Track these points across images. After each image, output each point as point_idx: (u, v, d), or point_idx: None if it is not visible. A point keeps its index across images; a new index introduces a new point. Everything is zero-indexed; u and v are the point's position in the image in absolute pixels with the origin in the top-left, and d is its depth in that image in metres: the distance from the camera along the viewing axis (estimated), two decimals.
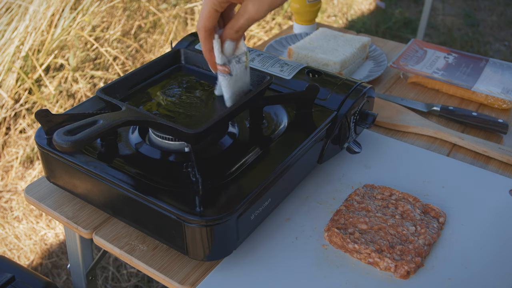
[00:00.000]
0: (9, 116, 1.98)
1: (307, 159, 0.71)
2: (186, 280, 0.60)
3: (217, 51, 0.61)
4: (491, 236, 0.67)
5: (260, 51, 0.86)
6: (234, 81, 0.65)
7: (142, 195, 0.59)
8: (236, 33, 0.60)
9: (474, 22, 3.06)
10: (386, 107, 0.93)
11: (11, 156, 1.89)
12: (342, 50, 1.02)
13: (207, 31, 0.60)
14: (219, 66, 0.63)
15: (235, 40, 0.62)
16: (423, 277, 0.61)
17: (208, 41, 0.61)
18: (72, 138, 0.53)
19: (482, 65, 1.04)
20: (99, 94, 0.66)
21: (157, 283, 1.47)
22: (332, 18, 3.12)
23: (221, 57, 0.62)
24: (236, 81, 0.65)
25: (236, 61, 0.64)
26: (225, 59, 0.63)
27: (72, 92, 2.14)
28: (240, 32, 0.60)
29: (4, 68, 2.01)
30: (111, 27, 2.43)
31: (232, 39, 0.61)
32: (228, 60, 0.63)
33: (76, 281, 0.82)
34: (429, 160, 0.80)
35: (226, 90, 0.65)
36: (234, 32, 0.60)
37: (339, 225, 0.66)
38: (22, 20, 2.13)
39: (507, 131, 0.87)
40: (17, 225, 1.64)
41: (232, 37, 0.61)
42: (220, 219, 0.56)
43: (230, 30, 0.60)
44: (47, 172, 0.71)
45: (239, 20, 0.59)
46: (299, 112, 0.74)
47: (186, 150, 0.65)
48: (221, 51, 0.62)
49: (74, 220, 0.68)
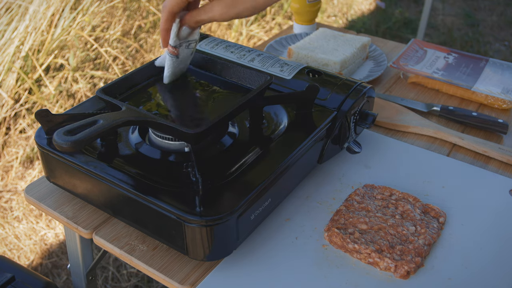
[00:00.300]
0: (9, 116, 1.98)
1: (307, 159, 0.71)
2: (186, 280, 0.60)
3: (173, 33, 0.65)
4: (491, 236, 0.67)
5: (260, 51, 0.86)
6: (178, 63, 0.70)
7: (142, 195, 0.59)
8: (195, 23, 0.64)
9: (474, 22, 3.06)
10: (386, 107, 0.93)
11: (11, 156, 1.89)
12: (342, 50, 1.02)
13: (171, 13, 0.63)
14: (170, 47, 0.67)
15: (192, 28, 0.66)
16: (423, 277, 0.61)
17: (169, 22, 0.64)
18: (72, 138, 0.53)
19: (482, 65, 1.04)
20: (99, 94, 0.66)
21: (157, 283, 1.47)
22: (332, 18, 3.12)
23: (175, 40, 0.66)
24: (179, 63, 0.70)
25: (186, 46, 0.68)
26: (178, 42, 0.67)
27: (72, 92, 2.14)
28: (199, 24, 0.64)
29: (4, 68, 2.01)
30: (111, 27, 2.43)
31: (189, 27, 0.65)
32: (180, 43, 0.67)
33: (76, 281, 0.82)
34: (429, 160, 0.80)
35: (168, 69, 0.70)
36: (194, 22, 0.64)
37: (339, 225, 0.66)
38: (22, 20, 2.13)
39: (507, 131, 0.87)
40: (17, 225, 1.64)
41: (190, 25, 0.65)
42: (220, 219, 0.56)
43: (191, 19, 0.64)
44: (47, 172, 0.71)
45: (201, 14, 0.63)
46: (299, 112, 0.74)
47: (186, 150, 0.65)
48: (177, 34, 0.65)
49: (74, 220, 0.68)
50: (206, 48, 0.87)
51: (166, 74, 0.71)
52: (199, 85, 0.74)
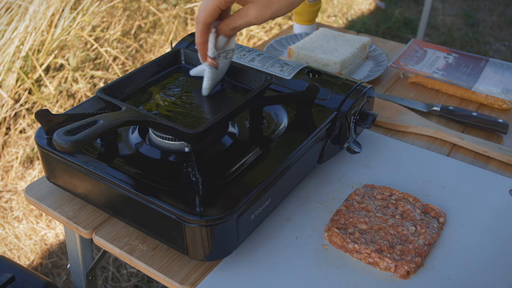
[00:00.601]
0: (9, 116, 1.98)
1: (307, 159, 0.71)
2: (186, 280, 0.60)
3: (211, 45, 0.64)
4: (491, 236, 0.67)
5: (260, 51, 0.86)
6: (216, 74, 0.69)
7: (142, 195, 0.59)
8: (231, 31, 0.63)
9: (474, 22, 3.06)
10: (386, 107, 0.93)
11: (11, 156, 1.89)
12: (342, 50, 1.02)
13: (206, 24, 0.62)
14: (209, 59, 0.66)
15: (229, 37, 0.64)
16: (423, 277, 0.61)
17: (204, 35, 0.63)
18: (72, 138, 0.53)
19: (482, 65, 1.04)
20: (99, 94, 0.66)
21: (157, 283, 1.47)
22: (332, 18, 3.12)
23: (214, 51, 0.65)
24: (218, 74, 0.69)
25: (224, 56, 0.67)
26: (216, 52, 0.65)
27: (72, 92, 2.14)
28: (235, 31, 0.63)
29: (4, 68, 2.01)
30: (111, 27, 2.43)
31: (225, 35, 0.64)
32: (218, 54, 0.66)
33: (76, 281, 0.82)
34: (429, 160, 0.80)
35: (208, 81, 0.69)
36: (229, 30, 0.63)
37: (339, 225, 0.66)
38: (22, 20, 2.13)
39: (507, 131, 0.87)
40: (17, 225, 1.64)
41: (226, 33, 0.63)
42: (220, 219, 0.56)
43: (226, 27, 0.62)
44: (47, 172, 0.71)
45: (237, 20, 0.61)
46: (299, 112, 0.74)
47: (186, 150, 0.65)
48: (215, 45, 0.64)
49: (74, 220, 0.68)
50: None
51: (206, 87, 0.69)
52: (199, 85, 0.74)
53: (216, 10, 0.61)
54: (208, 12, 0.61)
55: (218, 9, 0.61)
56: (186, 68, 0.79)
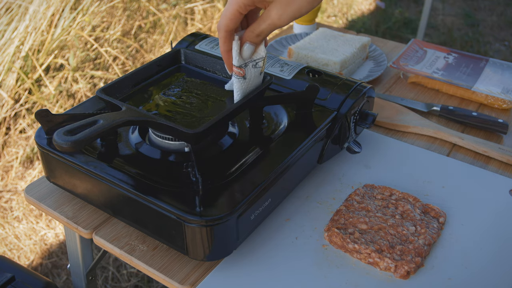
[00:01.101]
0: (9, 116, 1.98)
1: (307, 159, 0.71)
2: (186, 280, 0.60)
3: (235, 53, 0.60)
4: (491, 236, 0.67)
5: None
6: (246, 85, 0.64)
7: (142, 195, 0.59)
8: (257, 37, 0.60)
9: (474, 22, 3.06)
10: (386, 107, 0.93)
11: (11, 156, 1.89)
12: (342, 50, 1.02)
13: (227, 31, 0.59)
14: (235, 68, 0.62)
15: (255, 44, 0.61)
16: (423, 277, 0.61)
17: (228, 42, 0.60)
18: (72, 138, 0.53)
19: (482, 65, 1.04)
20: (99, 94, 0.66)
21: (157, 283, 1.47)
22: (332, 18, 3.12)
23: (238, 59, 0.61)
24: (248, 85, 0.65)
25: (253, 65, 0.63)
26: (242, 61, 0.62)
27: (72, 92, 2.14)
28: (261, 36, 0.59)
29: (4, 68, 2.01)
30: (111, 27, 2.43)
31: (252, 43, 0.60)
32: (245, 63, 0.62)
33: (76, 281, 0.82)
34: (429, 160, 0.80)
35: (238, 92, 0.65)
36: (254, 36, 0.59)
37: (339, 225, 0.66)
38: (22, 20, 2.13)
39: (507, 131, 0.87)
40: (17, 225, 1.64)
41: (252, 40, 0.60)
42: (220, 219, 0.56)
43: (250, 34, 0.59)
44: (47, 172, 0.71)
45: (260, 24, 0.58)
46: (299, 112, 0.74)
47: (186, 150, 0.65)
48: (239, 53, 0.61)
49: (74, 220, 0.68)
50: (206, 48, 0.87)
51: (236, 98, 0.65)
52: (199, 85, 0.74)
53: (237, 15, 0.57)
54: (228, 16, 0.58)
55: (238, 14, 0.57)
56: (186, 68, 0.79)
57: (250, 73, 0.64)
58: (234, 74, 0.63)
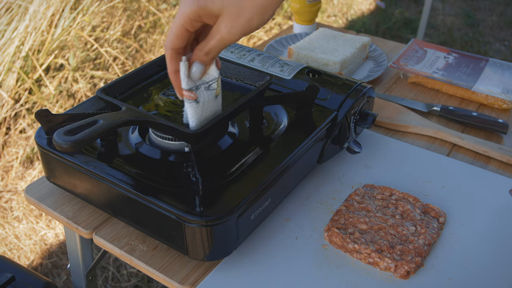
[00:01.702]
0: (9, 116, 1.98)
1: (307, 159, 0.71)
2: (186, 280, 0.60)
3: (183, 74, 0.56)
4: (491, 236, 0.67)
5: (260, 51, 0.86)
6: (201, 109, 0.59)
7: (142, 195, 0.59)
8: (206, 56, 0.55)
9: (474, 22, 3.06)
10: (386, 107, 0.93)
11: (11, 156, 1.89)
12: (342, 50, 1.02)
13: (174, 49, 0.55)
14: (185, 92, 0.57)
15: (205, 63, 0.56)
16: (423, 277, 0.61)
17: (174, 62, 0.56)
18: (72, 138, 0.53)
19: (482, 65, 1.04)
20: (99, 94, 0.66)
21: (157, 283, 1.47)
22: (332, 18, 3.12)
23: (187, 82, 0.56)
24: (204, 109, 0.59)
25: (205, 88, 0.58)
26: (192, 84, 0.57)
27: (72, 92, 2.14)
28: (211, 54, 0.55)
29: (4, 68, 2.01)
30: (111, 27, 2.43)
31: (201, 62, 0.55)
32: (196, 86, 0.57)
33: (76, 281, 0.82)
34: (429, 160, 0.80)
35: (192, 118, 0.59)
36: (203, 54, 0.54)
37: (339, 225, 0.66)
38: (22, 20, 2.13)
39: (507, 131, 0.87)
40: (17, 225, 1.64)
41: (201, 59, 0.55)
42: (220, 219, 0.56)
43: (199, 52, 0.55)
44: (47, 172, 0.71)
45: (209, 41, 0.53)
46: (299, 112, 0.74)
47: (186, 150, 0.65)
48: (188, 75, 0.56)
49: (74, 220, 0.68)
50: None
51: (192, 125, 0.60)
52: None
53: (183, 32, 0.53)
54: (174, 34, 0.53)
55: (185, 30, 0.53)
56: None
57: (203, 96, 0.58)
58: (185, 98, 0.58)
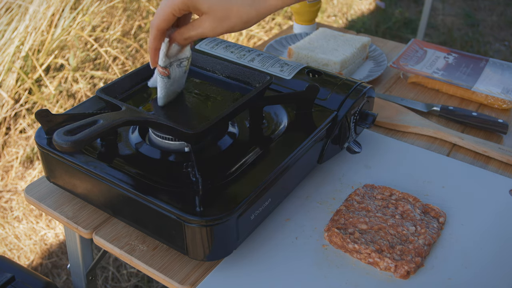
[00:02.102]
0: (9, 116, 1.98)
1: (307, 159, 0.71)
2: (186, 280, 0.60)
3: (162, 53, 0.62)
4: (491, 236, 0.67)
5: (260, 51, 0.86)
6: (170, 83, 0.66)
7: (142, 195, 0.59)
8: (185, 41, 0.61)
9: (474, 22, 3.06)
10: (386, 107, 0.93)
11: (11, 156, 1.89)
12: (342, 50, 1.02)
13: (159, 30, 0.60)
14: (160, 68, 0.63)
15: (182, 45, 0.63)
16: (423, 277, 0.61)
17: (157, 41, 0.61)
18: (72, 138, 0.53)
19: (482, 65, 1.04)
20: (99, 94, 0.66)
21: (157, 283, 1.47)
22: (332, 18, 3.12)
23: (165, 60, 0.63)
24: (172, 83, 0.66)
25: (177, 65, 0.65)
26: (168, 61, 0.63)
27: (72, 92, 2.14)
28: (189, 40, 0.61)
29: (4, 68, 2.01)
30: (111, 27, 2.43)
31: (179, 44, 0.62)
32: (170, 62, 0.64)
33: (76, 281, 0.82)
34: (429, 160, 0.80)
35: (161, 90, 0.66)
36: (183, 39, 0.61)
37: (339, 225, 0.66)
38: (22, 20, 2.13)
39: (507, 131, 0.87)
40: (17, 225, 1.64)
41: (179, 42, 0.62)
42: (220, 219, 0.56)
43: (179, 36, 0.61)
44: (47, 172, 0.71)
45: (191, 31, 0.60)
46: (299, 112, 0.74)
47: (186, 150, 0.65)
48: (166, 54, 0.62)
49: (74, 220, 0.68)
50: (206, 48, 0.87)
51: (160, 96, 0.67)
52: (199, 85, 0.74)
53: (171, 17, 0.59)
54: (162, 17, 0.59)
55: (172, 16, 0.59)
56: None
57: (174, 72, 0.65)
58: (158, 73, 0.64)
